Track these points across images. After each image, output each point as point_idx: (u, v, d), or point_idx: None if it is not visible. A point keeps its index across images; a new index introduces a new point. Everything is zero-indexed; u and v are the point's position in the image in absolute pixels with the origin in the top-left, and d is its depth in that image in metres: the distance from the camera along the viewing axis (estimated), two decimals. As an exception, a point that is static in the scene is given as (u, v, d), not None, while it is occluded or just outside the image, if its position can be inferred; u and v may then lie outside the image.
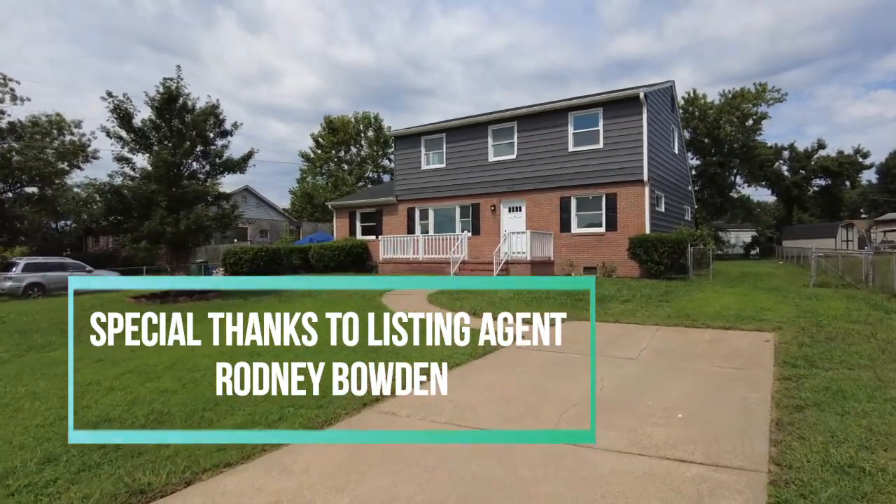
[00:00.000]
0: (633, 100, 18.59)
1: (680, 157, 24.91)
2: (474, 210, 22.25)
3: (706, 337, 8.44)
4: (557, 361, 7.01)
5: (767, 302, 11.91)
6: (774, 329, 8.81)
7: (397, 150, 24.66)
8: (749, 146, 43.68)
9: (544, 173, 20.44)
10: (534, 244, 18.83)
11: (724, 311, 10.51)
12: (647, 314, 10.51)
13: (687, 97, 43.49)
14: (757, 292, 13.83)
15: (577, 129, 19.91)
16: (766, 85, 41.97)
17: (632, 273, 18.49)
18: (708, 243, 20.14)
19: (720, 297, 12.77)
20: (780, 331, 8.66)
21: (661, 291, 13.56)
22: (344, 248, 23.13)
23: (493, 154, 21.77)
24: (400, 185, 24.35)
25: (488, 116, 21.72)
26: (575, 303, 11.88)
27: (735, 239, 53.35)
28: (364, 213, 25.78)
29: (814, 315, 9.94)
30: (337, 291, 15.43)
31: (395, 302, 12.90)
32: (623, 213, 18.93)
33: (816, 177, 53.49)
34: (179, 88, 13.96)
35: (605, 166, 19.17)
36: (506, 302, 12.26)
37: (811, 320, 9.41)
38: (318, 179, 54.31)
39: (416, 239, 21.17)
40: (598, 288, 14.18)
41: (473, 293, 13.84)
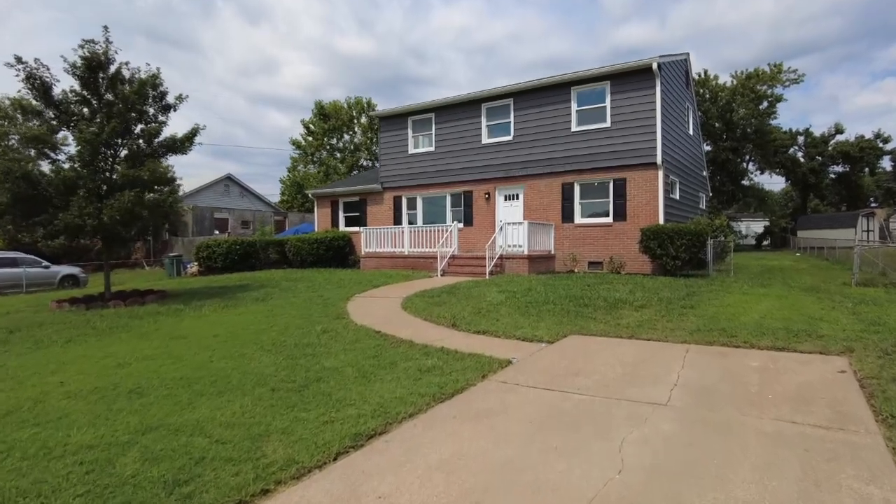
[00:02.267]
0: (645, 71, 16.29)
1: (695, 139, 22.61)
2: (466, 198, 20.03)
3: (754, 363, 6.26)
4: (557, 409, 4.86)
5: (814, 308, 9.72)
6: (844, 351, 6.63)
7: (382, 132, 22.42)
8: (763, 131, 41.16)
9: (544, 156, 18.21)
10: (532, 236, 16.65)
11: (765, 322, 8.32)
12: (670, 326, 8.33)
13: (698, 78, 40.93)
14: (795, 293, 11.63)
15: (581, 106, 17.64)
16: (781, 65, 39.44)
17: (643, 269, 16.29)
18: (729, 235, 17.92)
19: (754, 300, 10.57)
20: (852, 354, 6.48)
21: (683, 293, 11.36)
22: (323, 241, 20.96)
23: (487, 135, 19.53)
24: (385, 172, 22.13)
25: (482, 93, 19.46)
26: (580, 310, 9.70)
27: (746, 229, 51.05)
28: (347, 202, 23.58)
29: (885, 329, 7.75)
30: (300, 293, 13.28)
31: (362, 309, 10.75)
32: (633, 200, 16.70)
33: (834, 163, 50.84)
34: (108, 54, 11.75)
35: (613, 148, 16.92)
36: (495, 308, 10.10)
37: (887, 338, 7.21)
38: (310, 168, 52.08)
39: (401, 231, 18.99)
40: (607, 288, 12.00)
41: (458, 296, 11.69)
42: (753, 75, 39.94)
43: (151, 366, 6.80)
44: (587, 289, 11.92)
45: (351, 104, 50.25)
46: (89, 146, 10.97)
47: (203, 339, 8.40)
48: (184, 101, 12.66)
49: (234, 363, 6.78)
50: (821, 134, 50.15)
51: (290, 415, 4.88)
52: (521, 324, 8.70)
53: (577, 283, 13.08)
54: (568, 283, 13.06)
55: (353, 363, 6.56)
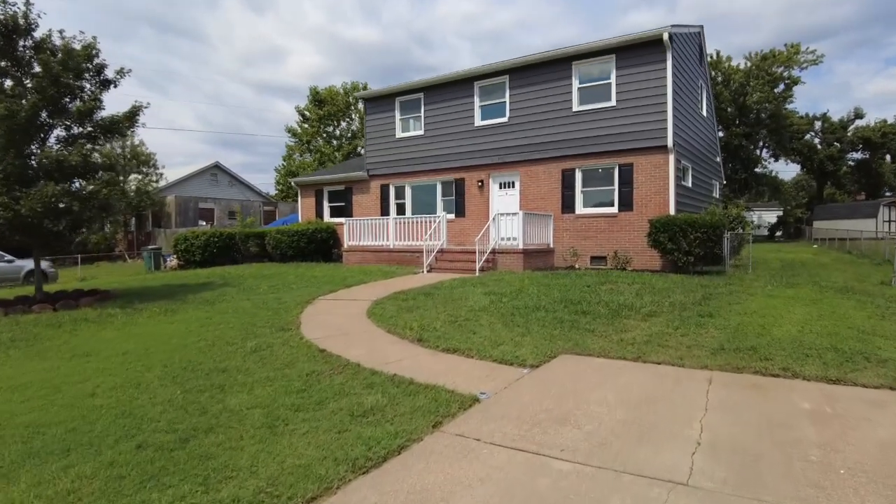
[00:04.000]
0: (655, 43, 14.51)
1: (709, 121, 20.77)
2: (458, 187, 18.36)
3: (805, 405, 4.64)
4: (527, 494, 3.23)
5: (859, 316, 8.05)
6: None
7: (368, 115, 20.72)
8: (779, 115, 39.02)
9: (542, 140, 16.49)
10: (528, 228, 14.99)
11: (805, 338, 6.66)
12: (686, 342, 6.69)
13: (710, 60, 38.84)
14: (829, 296, 9.94)
15: (583, 84, 15.88)
16: (798, 45, 37.26)
17: (651, 264, 14.61)
18: (747, 227, 16.19)
19: (784, 306, 8.89)
20: (934, 390, 4.85)
21: (698, 296, 9.70)
22: (305, 234, 19.36)
23: (480, 117, 17.81)
24: (371, 158, 20.45)
25: (474, 70, 17.71)
26: (576, 319, 8.06)
27: (758, 219, 49.08)
28: (332, 191, 21.93)
29: (962, 349, 6.10)
30: (259, 294, 11.72)
31: (318, 317, 9.16)
32: (641, 188, 14.98)
33: (854, 149, 48.48)
34: (28, 18, 10.12)
35: (619, 129, 15.18)
36: (476, 316, 8.49)
37: (971, 363, 5.56)
38: (306, 157, 50.41)
39: (386, 223, 17.36)
40: (610, 290, 10.36)
41: (436, 298, 10.09)
42: (769, 56, 37.77)
43: (10, 400, 5.24)
44: (587, 290, 10.28)
45: (347, 89, 48.45)
46: (3, 125, 9.36)
47: (109, 357, 6.83)
48: (125, 76, 11.04)
49: (118, 398, 5.22)
50: (839, 119, 47.87)
51: (136, 498, 3.31)
52: (503, 338, 7.08)
53: (576, 282, 11.44)
54: (566, 282, 11.42)
55: (268, 402, 4.98)
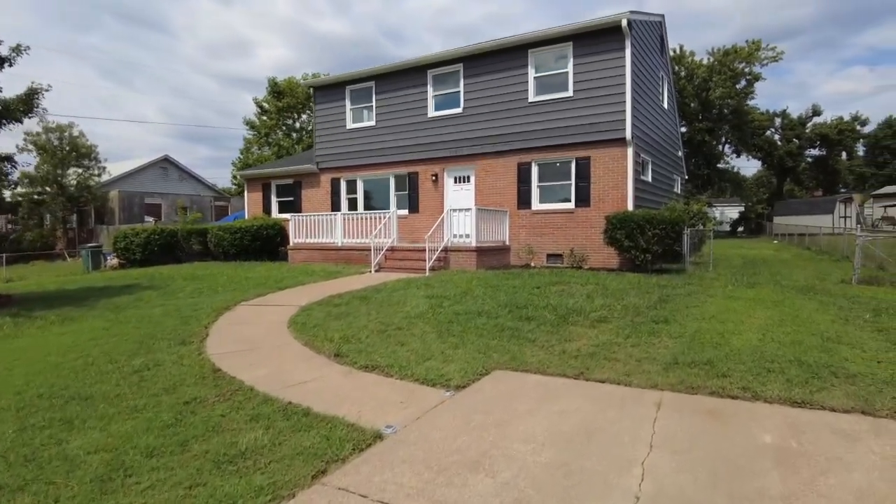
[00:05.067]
0: (614, 30, 13.82)
1: (670, 114, 20.27)
2: (412, 181, 17.43)
3: (767, 438, 3.89)
4: None
5: (822, 320, 7.44)
6: (893, 411, 4.31)
7: (317, 104, 19.60)
8: (741, 111, 39.13)
9: (498, 132, 15.68)
10: (482, 225, 14.19)
11: (767, 348, 5.98)
12: (636, 354, 5.93)
13: (673, 54, 38.70)
14: (791, 297, 9.37)
15: (539, 73, 15.12)
16: (759, 42, 37.36)
17: (609, 262, 13.96)
18: (708, 223, 15.70)
19: (745, 308, 8.25)
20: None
21: (654, 298, 9.00)
22: (249, 231, 18.16)
23: (434, 108, 16.90)
24: (321, 150, 19.36)
25: (427, 58, 16.79)
26: (519, 326, 7.25)
27: (720, 215, 49.48)
28: (280, 185, 20.76)
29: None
30: (177, 298, 10.63)
31: (232, 327, 8.16)
32: (598, 182, 14.31)
33: (812, 146, 49.18)
34: None
35: (576, 121, 14.48)
36: (410, 324, 7.61)
37: (949, 379, 4.93)
38: (265, 150, 48.68)
39: (334, 219, 16.33)
40: (561, 292, 9.60)
41: (373, 303, 9.18)
42: (731, 52, 37.79)
43: None
44: (536, 292, 9.49)
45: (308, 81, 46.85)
46: None
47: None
48: (22, 54, 9.77)
49: (-69, 440, 4.18)
50: (798, 116, 48.48)
51: None
52: (433, 351, 6.22)
53: (526, 283, 10.66)
54: (516, 283, 10.63)
55: (120, 443, 4.01)
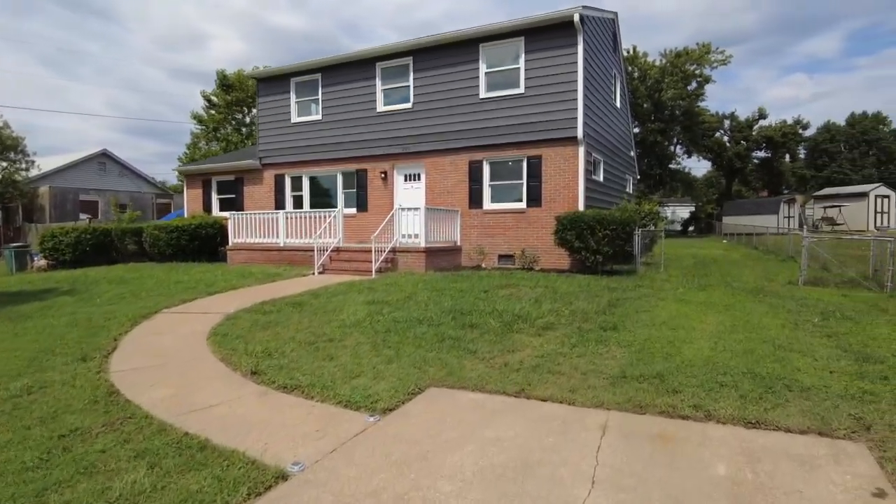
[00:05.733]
0: (566, 26, 13.49)
1: (623, 114, 20.19)
2: (360, 178, 16.75)
3: (720, 470, 3.48)
4: None
5: (773, 324, 7.22)
6: (855, 429, 4.00)
7: (261, 97, 18.67)
8: (692, 112, 39.89)
9: (449, 129, 15.18)
10: (432, 225, 13.66)
11: (719, 358, 5.65)
12: (583, 366, 5.50)
13: (627, 55, 39.09)
14: (742, 299, 9.19)
15: (490, 68, 14.68)
16: (709, 45, 38.13)
17: (560, 264, 13.65)
18: (659, 223, 15.60)
19: (696, 313, 7.97)
20: (870, 435, 3.89)
21: (604, 302, 8.65)
22: (186, 230, 17.08)
23: (382, 102, 16.26)
24: (265, 145, 18.45)
25: (376, 50, 16.13)
26: (461, 335, 6.74)
27: (672, 214, 50.42)
28: (222, 181, 19.72)
29: (889, 369, 5.24)
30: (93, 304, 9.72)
31: (145, 338, 7.39)
32: (550, 182, 13.98)
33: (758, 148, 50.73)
34: None
35: (528, 119, 14.10)
36: (343, 334, 7.01)
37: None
38: (213, 145, 46.94)
39: (276, 217, 15.50)
40: (508, 296, 9.17)
41: (308, 309, 8.53)
42: (683, 54, 38.44)
43: None
44: (482, 297, 9.02)
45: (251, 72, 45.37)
46: None
47: None
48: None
49: None
50: (746, 118, 49.85)
51: None
52: (363, 366, 5.65)
53: (474, 286, 10.18)
54: (463, 286, 10.14)
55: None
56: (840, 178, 55.62)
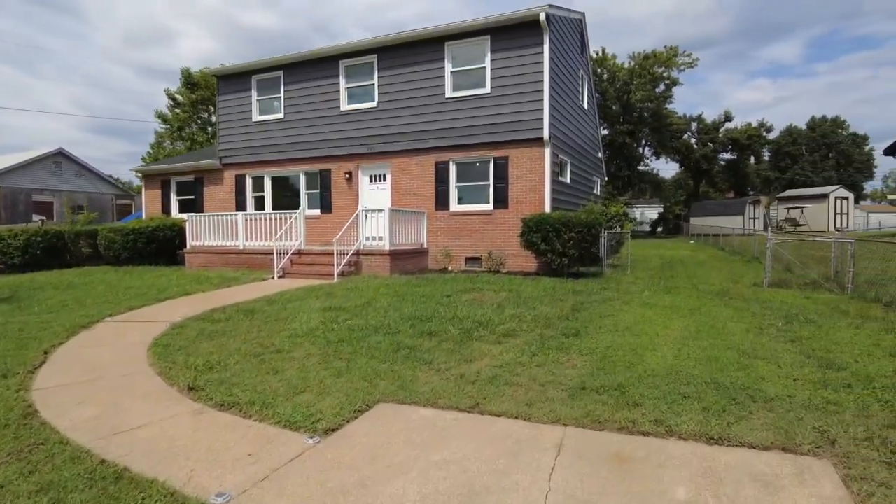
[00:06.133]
0: (532, 24, 13.31)
1: (590, 115, 20.15)
2: (324, 179, 16.32)
3: (680, 494, 3.25)
4: None
5: (738, 329, 7.10)
6: (820, 444, 3.82)
7: (221, 95, 18.10)
8: (660, 114, 40.35)
9: (414, 128, 14.87)
10: (397, 227, 13.34)
11: (682, 367, 5.46)
12: (541, 377, 5.25)
13: (596, 57, 39.32)
14: (707, 303, 9.09)
15: (456, 67, 14.42)
16: (677, 48, 38.61)
17: (526, 266, 13.47)
18: (626, 225, 15.54)
19: (661, 318, 7.81)
20: (834, 451, 3.71)
21: (567, 307, 8.44)
22: (143, 232, 16.39)
23: (346, 101, 15.88)
24: (225, 144, 17.88)
25: (340, 47, 15.73)
26: (418, 343, 6.44)
27: (641, 215, 50.96)
28: (181, 182, 19.07)
29: (852, 376, 5.12)
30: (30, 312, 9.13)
31: (81, 351, 6.90)
32: (516, 183, 13.78)
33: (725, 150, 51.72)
34: None
35: (494, 119, 13.89)
36: (293, 344, 6.64)
37: (867, 400, 4.52)
38: (178, 145, 45.78)
39: (235, 219, 14.97)
40: (471, 301, 8.90)
41: (260, 317, 8.13)
42: (651, 56, 38.84)
43: None
44: (445, 302, 8.73)
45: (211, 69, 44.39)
46: None
47: None
48: None
49: None
50: (712, 121, 50.76)
51: None
52: (310, 381, 5.29)
53: (438, 290, 9.90)
54: (427, 290, 9.84)
55: None
56: (802, 180, 57.05)
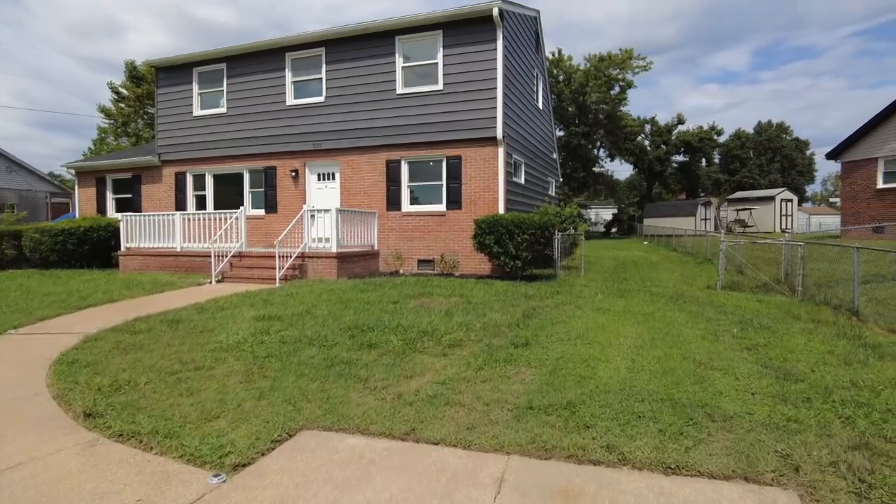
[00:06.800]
0: (485, 20, 12.92)
1: (545, 115, 19.94)
2: (269, 177, 15.55)
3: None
4: None
5: (692, 337, 6.83)
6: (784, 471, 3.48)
7: (160, 87, 17.09)
8: (615, 116, 40.79)
9: (364, 125, 14.29)
10: (346, 228, 12.75)
11: (636, 383, 5.10)
12: (486, 395, 4.80)
13: (552, 58, 39.40)
14: (662, 307, 8.85)
15: (407, 63, 13.91)
16: (631, 51, 39.05)
17: (480, 269, 13.08)
18: (580, 227, 15.33)
19: (614, 325, 7.49)
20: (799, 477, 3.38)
21: (518, 314, 8.05)
22: (74, 233, 15.24)
23: (293, 95, 15.16)
24: (165, 140, 16.87)
25: (286, 39, 14.98)
26: (355, 358, 5.91)
27: (595, 216, 51.52)
28: (117, 179, 17.93)
29: (811, 388, 4.85)
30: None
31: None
32: (470, 183, 13.37)
33: (677, 152, 52.92)
34: None
35: (447, 117, 13.44)
36: (218, 359, 6.02)
37: (828, 417, 4.24)
38: (122, 140, 43.75)
39: (172, 219, 14.06)
40: (419, 308, 8.41)
41: (185, 327, 7.44)
42: (606, 58, 39.18)
43: None
44: (391, 309, 8.21)
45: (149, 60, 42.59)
46: None
47: None
48: None
49: None
50: (665, 123, 51.84)
51: None
52: (226, 404, 4.69)
53: (385, 295, 9.37)
54: (372, 296, 9.30)
55: None
56: (750, 183, 58.86)
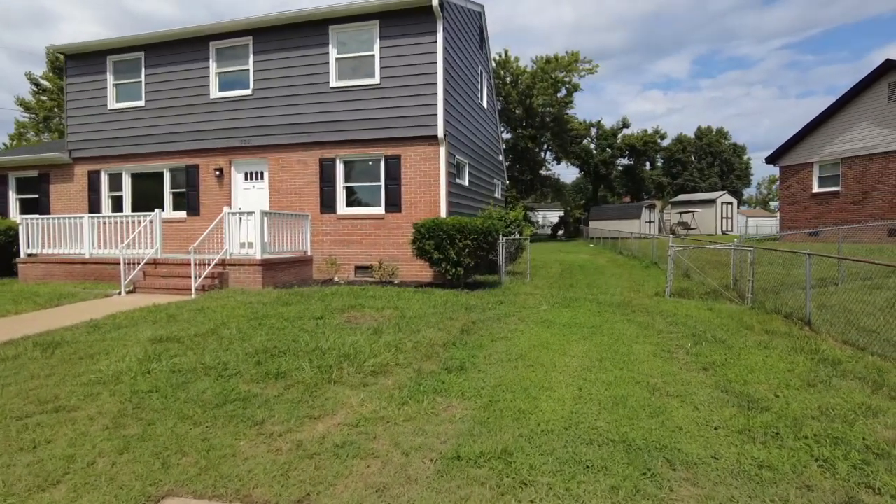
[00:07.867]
0: (424, 11, 12.13)
1: (490, 115, 19.31)
2: (191, 176, 14.27)
3: None
4: None
5: (644, 354, 6.22)
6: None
7: (70, 77, 15.50)
8: (561, 119, 40.86)
9: (296, 120, 13.26)
10: (274, 232, 11.70)
11: (582, 415, 4.40)
12: (406, 440, 3.98)
13: (499, 59, 39.08)
14: (611, 318, 8.26)
15: (342, 54, 12.97)
16: (577, 54, 39.18)
17: (422, 275, 12.27)
18: (526, 230, 14.73)
19: (559, 342, 6.81)
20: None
21: (456, 329, 7.27)
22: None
23: (218, 88, 13.95)
24: (76, 135, 15.30)
25: (210, 27, 13.76)
26: (255, 395, 4.98)
27: (542, 219, 51.63)
28: (22, 178, 16.18)
29: (779, 418, 4.25)
30: None
31: None
32: (410, 184, 12.54)
33: (622, 155, 53.74)
34: None
35: (385, 113, 12.58)
36: (88, 398, 4.97)
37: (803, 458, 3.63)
38: (44, 136, 40.82)
39: (80, 223, 12.63)
40: (345, 324, 7.52)
41: (59, 355, 6.31)
42: (553, 60, 39.18)
43: None
44: (310, 327, 7.28)
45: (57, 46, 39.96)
46: None
47: None
48: None
49: None
50: (611, 127, 52.55)
51: None
52: (75, 463, 3.69)
53: (310, 309, 8.43)
54: (294, 311, 8.34)
55: None
56: (692, 186, 60.44)
